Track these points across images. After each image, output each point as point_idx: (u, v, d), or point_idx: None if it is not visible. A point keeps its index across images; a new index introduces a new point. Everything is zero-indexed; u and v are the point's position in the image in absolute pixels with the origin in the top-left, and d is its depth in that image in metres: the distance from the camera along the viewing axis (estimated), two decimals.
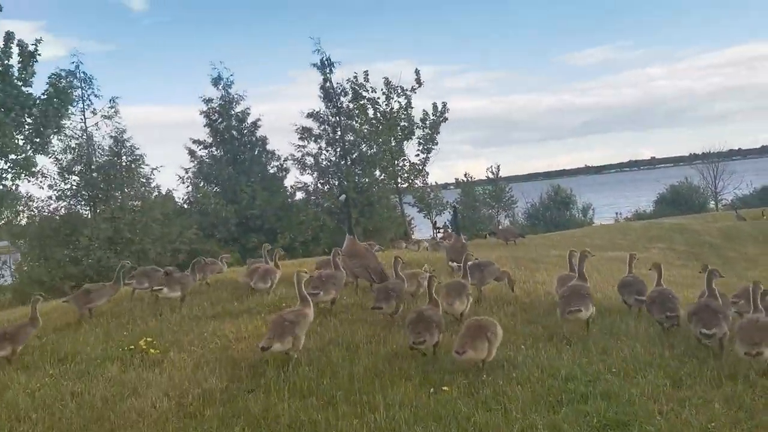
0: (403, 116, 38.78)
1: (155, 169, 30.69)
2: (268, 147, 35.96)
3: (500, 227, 24.12)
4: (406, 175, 37.02)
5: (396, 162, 37.06)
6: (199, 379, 7.07)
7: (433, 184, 55.28)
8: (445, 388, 6.31)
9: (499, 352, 6.94)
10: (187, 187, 34.55)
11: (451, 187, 75.64)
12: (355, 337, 8.06)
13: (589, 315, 7.94)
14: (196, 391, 6.69)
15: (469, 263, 9.96)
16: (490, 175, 66.95)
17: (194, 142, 35.43)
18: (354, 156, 34.59)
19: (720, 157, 70.13)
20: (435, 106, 37.35)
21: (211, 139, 35.25)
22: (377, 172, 35.89)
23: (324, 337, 8.13)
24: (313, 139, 34.21)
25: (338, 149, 34.63)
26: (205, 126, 35.38)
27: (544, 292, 10.44)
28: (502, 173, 70.85)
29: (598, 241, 25.83)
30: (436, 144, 39.51)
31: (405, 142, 38.97)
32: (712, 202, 64.48)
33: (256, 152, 35.43)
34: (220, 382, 6.93)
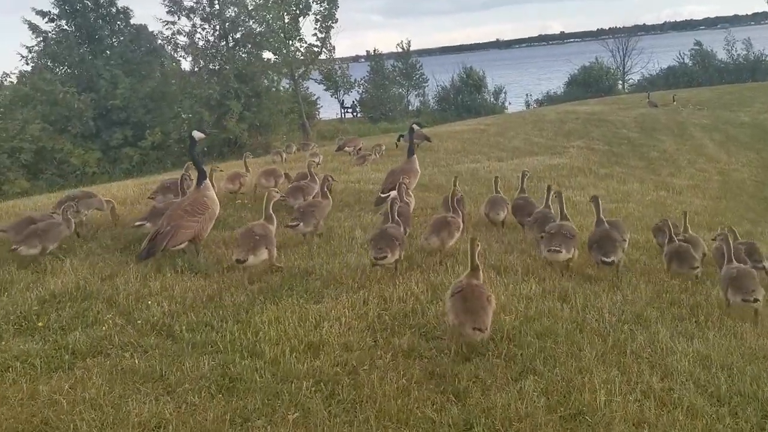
0: None
1: None
2: (134, 21, 29.73)
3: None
4: (302, 58, 32.19)
5: (290, 43, 32.03)
6: None
7: (340, 59, 50.79)
8: None
9: None
10: (32, 69, 28.17)
11: (362, 60, 71.31)
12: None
13: (570, 257, 7.28)
14: None
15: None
16: (401, 50, 63.15)
17: (37, 13, 28.60)
18: (238, 36, 28.94)
19: (625, 33, 69.49)
20: None
21: (58, 9, 28.49)
22: (267, 55, 30.71)
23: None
24: (184, 13, 28.04)
25: (217, 26, 28.74)
26: None
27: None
28: (414, 46, 67.39)
29: (515, 141, 22.96)
30: (336, 21, 34.71)
31: (300, 18, 33.82)
32: (620, 83, 63.89)
33: (116, 27, 29.12)
34: None
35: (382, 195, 9.86)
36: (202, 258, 7.51)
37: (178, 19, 28.21)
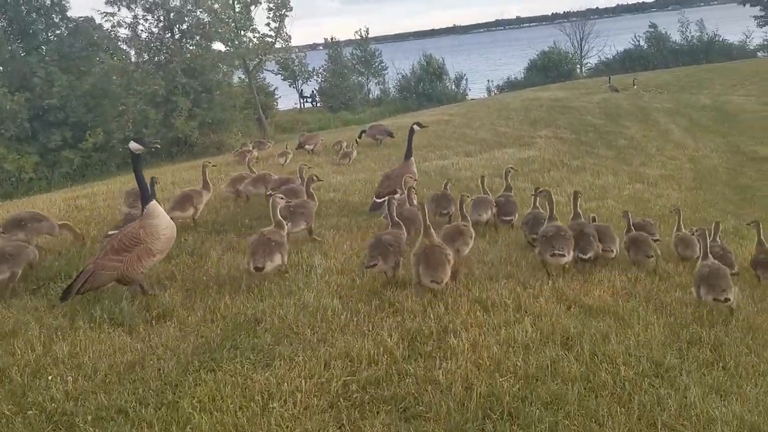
0: None
1: None
2: (71, 14, 27.47)
3: (369, 126, 19.43)
4: (255, 49, 30.39)
5: (242, 33, 30.23)
6: None
7: (297, 47, 49.19)
8: None
9: None
10: None
11: (320, 47, 69.99)
12: None
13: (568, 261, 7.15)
14: None
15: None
16: (359, 38, 62.01)
17: None
18: (184, 27, 26.87)
19: (579, 16, 69.93)
20: None
21: None
22: (218, 46, 28.71)
23: None
24: (125, 3, 25.80)
25: (162, 17, 26.60)
26: None
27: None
28: (372, 33, 66.49)
29: (482, 133, 22.04)
30: (290, 9, 33.12)
31: (253, 7, 32.09)
32: (578, 67, 64.06)
33: (51, 21, 26.88)
34: None
35: (378, 200, 9.44)
36: (130, 304, 6.17)
37: (118, 10, 26.05)
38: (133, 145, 6.78)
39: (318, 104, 62.72)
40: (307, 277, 6.80)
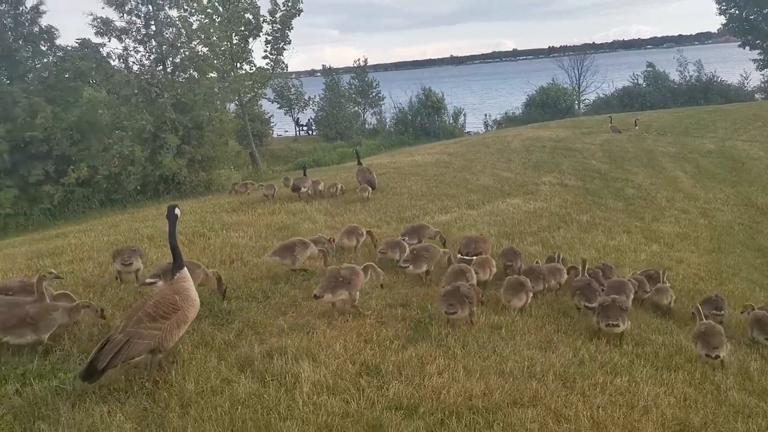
0: (248, 5, 30.80)
1: None
2: (60, 42, 26.49)
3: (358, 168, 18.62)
4: (250, 82, 29.60)
5: (238, 66, 29.42)
6: None
7: (293, 75, 48.71)
8: None
9: None
10: None
11: (318, 74, 69.85)
12: None
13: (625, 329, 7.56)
14: None
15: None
16: (357, 66, 61.98)
17: None
18: (177, 60, 25.84)
19: (576, 51, 69.78)
20: None
21: None
22: (212, 75, 27.59)
23: None
24: (115, 35, 24.74)
25: (154, 49, 25.56)
26: None
27: None
28: (371, 61, 66.69)
29: (483, 178, 21.03)
30: (289, 42, 32.36)
31: (250, 39, 31.32)
32: (576, 103, 63.56)
33: (38, 49, 25.87)
34: None
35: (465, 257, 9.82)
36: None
37: (108, 41, 24.96)
38: (178, 211, 6.45)
39: (314, 133, 62.28)
40: (290, 398, 5.57)
